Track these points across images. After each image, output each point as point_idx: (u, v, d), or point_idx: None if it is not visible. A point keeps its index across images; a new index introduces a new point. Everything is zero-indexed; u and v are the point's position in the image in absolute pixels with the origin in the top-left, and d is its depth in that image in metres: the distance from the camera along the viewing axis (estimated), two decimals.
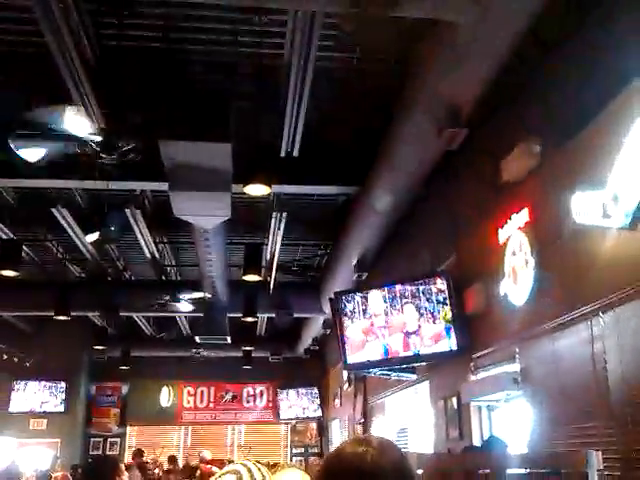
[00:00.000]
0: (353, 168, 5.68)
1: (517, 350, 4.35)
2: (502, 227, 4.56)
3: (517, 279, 4.34)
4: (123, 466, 4.75)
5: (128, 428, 13.74)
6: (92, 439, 13.34)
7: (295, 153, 5.34)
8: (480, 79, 3.68)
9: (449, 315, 5.30)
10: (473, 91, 3.79)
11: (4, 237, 7.09)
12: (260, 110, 5.02)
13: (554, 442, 3.77)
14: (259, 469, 2.06)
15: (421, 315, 5.55)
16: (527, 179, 4.23)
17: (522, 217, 4.28)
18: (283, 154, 5.36)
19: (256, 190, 4.86)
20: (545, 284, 3.99)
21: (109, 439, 13.47)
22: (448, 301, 5.29)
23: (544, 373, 4.00)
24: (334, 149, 5.59)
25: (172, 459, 10.75)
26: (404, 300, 5.71)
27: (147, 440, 13.59)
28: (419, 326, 5.59)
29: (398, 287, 5.76)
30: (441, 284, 5.36)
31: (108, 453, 13.08)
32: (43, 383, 12.53)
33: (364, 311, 6.17)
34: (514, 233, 4.39)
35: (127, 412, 13.68)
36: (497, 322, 4.72)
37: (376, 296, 6.03)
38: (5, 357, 11.53)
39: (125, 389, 13.79)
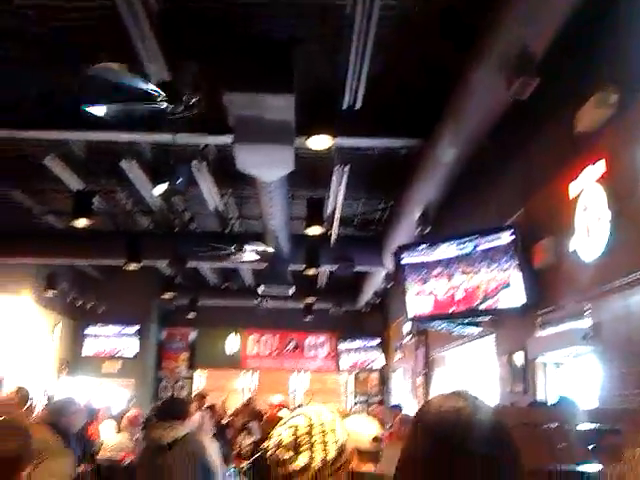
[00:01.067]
0: (417, 120, 5.50)
1: (587, 306, 4.20)
2: (575, 180, 4.35)
3: (589, 234, 4.15)
4: (193, 406, 4.91)
5: (196, 372, 14.26)
6: (162, 381, 13.91)
7: (358, 105, 5.21)
8: (554, 25, 3.44)
9: (516, 269, 5.14)
10: (546, 38, 3.57)
11: (76, 188, 7.27)
12: (323, 62, 4.90)
13: (623, 400, 3.65)
14: (330, 412, 2.06)
15: (487, 269, 5.41)
16: (603, 130, 4.00)
17: (598, 169, 4.06)
18: (345, 106, 5.24)
19: (318, 143, 4.78)
20: (620, 239, 3.80)
21: (179, 382, 14.00)
22: (515, 255, 5.13)
23: (616, 330, 3.85)
24: (398, 101, 5.42)
25: (237, 408, 11.08)
26: (469, 254, 5.58)
27: (214, 384, 14.07)
28: (485, 280, 5.47)
29: (463, 240, 5.63)
30: (508, 238, 5.19)
31: (177, 395, 13.62)
32: (115, 328, 13.07)
33: (427, 265, 6.08)
34: (588, 186, 4.17)
35: (195, 357, 14.18)
36: (566, 278, 4.56)
37: (440, 249, 5.92)
38: (79, 304, 12.04)
39: (193, 335, 14.25)
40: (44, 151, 6.57)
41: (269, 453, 2.04)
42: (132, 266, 8.80)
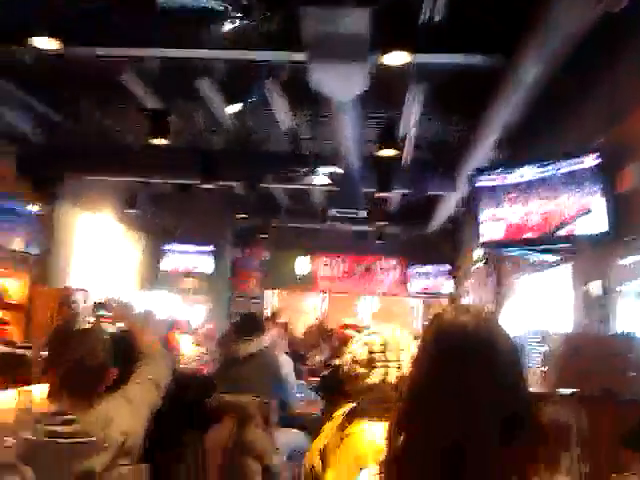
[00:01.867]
0: (499, 36, 5.19)
1: None
2: None
3: None
4: (268, 324, 5.07)
5: (268, 292, 14.65)
6: (237, 299, 14.38)
7: (437, 18, 4.95)
8: None
9: (599, 195, 4.90)
10: None
11: (152, 106, 7.36)
12: None
13: None
14: (403, 331, 2.06)
15: (567, 194, 5.19)
16: None
17: None
18: (423, 20, 4.99)
19: (395, 59, 4.61)
20: None
21: (251, 300, 14.45)
22: (599, 180, 4.88)
23: None
24: (479, 15, 5.11)
25: (308, 327, 11.37)
26: (548, 177, 5.35)
27: (285, 304, 14.47)
28: (563, 205, 5.25)
29: (543, 163, 5.39)
30: (592, 161, 4.93)
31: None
32: (192, 246, 13.49)
33: (503, 188, 5.88)
34: None
35: (268, 277, 14.53)
36: None
37: (517, 173, 5.70)
38: (157, 222, 12.44)
39: (266, 255, 14.56)
40: (122, 69, 6.64)
41: (344, 369, 2.06)
42: (206, 185, 8.95)
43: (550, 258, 6.20)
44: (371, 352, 2.02)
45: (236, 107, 6.37)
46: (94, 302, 9.14)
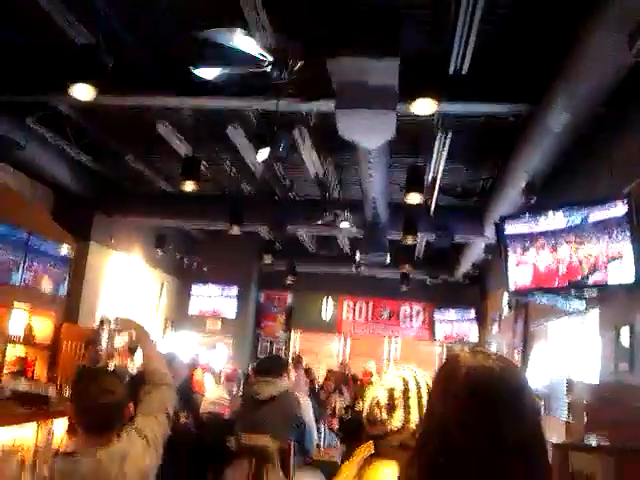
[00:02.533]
0: (527, 85, 5.24)
1: None
2: None
3: None
4: (290, 367, 5.05)
5: (292, 334, 14.59)
6: (260, 342, 14.35)
7: (464, 70, 5.02)
8: None
9: (629, 242, 4.84)
10: None
11: (185, 153, 7.51)
12: (429, 24, 4.75)
13: None
14: (424, 377, 2.03)
15: (597, 241, 5.13)
16: None
17: None
18: (451, 71, 5.06)
19: (422, 108, 4.66)
20: None
21: (275, 343, 14.38)
22: (628, 226, 4.83)
23: None
24: (507, 66, 5.18)
25: (330, 371, 11.26)
26: (577, 224, 5.31)
27: (308, 347, 14.38)
28: (593, 253, 5.19)
29: (572, 210, 5.36)
30: (622, 208, 4.89)
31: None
32: (218, 289, 13.54)
33: (531, 235, 5.85)
34: None
35: (291, 320, 14.50)
36: None
37: (546, 220, 5.66)
38: (185, 264, 12.55)
39: (290, 298, 14.56)
40: (156, 116, 6.82)
41: (365, 413, 2.05)
42: (235, 230, 9.04)
43: (578, 305, 6.10)
44: (392, 396, 1.99)
45: (265, 154, 6.46)
46: (100, 318, 9.21)
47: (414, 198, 7.17)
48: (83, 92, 4.81)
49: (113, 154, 8.30)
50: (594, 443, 3.51)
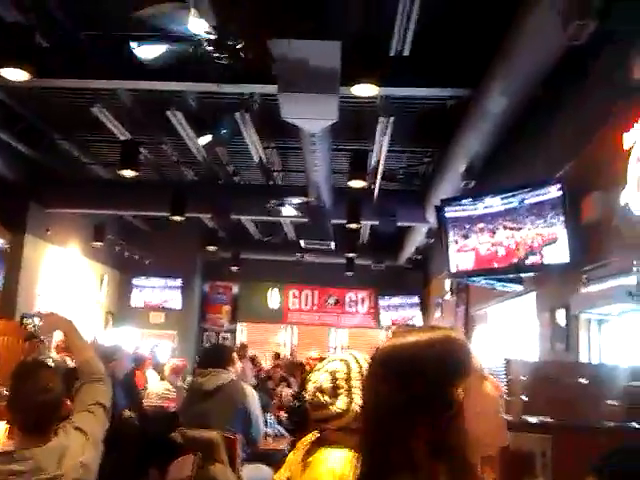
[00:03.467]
0: (466, 69, 5.35)
1: (635, 262, 4.09)
2: (628, 131, 4.18)
3: None
4: (236, 356, 5.00)
5: (238, 325, 14.54)
6: (205, 333, 14.23)
7: (406, 52, 5.10)
8: None
9: (563, 225, 5.03)
10: None
11: (123, 138, 7.36)
12: (370, 7, 4.79)
13: None
14: (365, 359, 2.06)
15: (532, 224, 5.31)
16: None
17: None
18: (393, 53, 5.13)
19: (364, 91, 4.71)
20: None
21: (221, 334, 14.31)
22: (562, 210, 5.01)
23: None
24: (447, 49, 5.28)
25: (277, 355, 11.29)
26: (514, 208, 5.48)
27: (255, 337, 14.37)
28: (529, 236, 5.37)
29: (509, 194, 5.51)
30: (556, 191, 5.06)
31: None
32: (161, 280, 13.34)
33: (471, 219, 5.99)
34: None
35: (237, 310, 14.43)
36: (615, 233, 4.43)
37: (484, 204, 5.81)
38: (126, 256, 12.30)
39: (236, 289, 14.49)
40: (93, 100, 6.65)
41: (308, 397, 2.06)
42: (176, 218, 8.92)
43: (517, 287, 6.29)
44: (335, 380, 2.01)
45: (207, 139, 6.40)
46: (21, 315, 8.93)
47: (358, 183, 7.24)
48: (16, 75, 4.64)
49: (49, 141, 8.05)
50: (533, 421, 3.64)
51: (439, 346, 1.14)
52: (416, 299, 13.15)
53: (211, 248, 11.66)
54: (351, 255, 11.82)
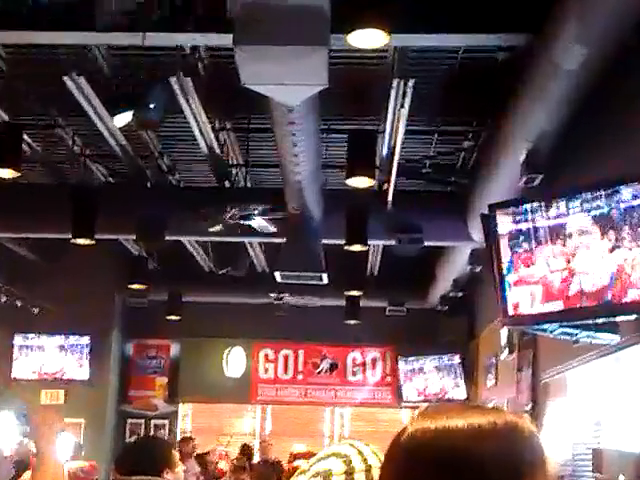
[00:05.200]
0: (525, 5, 5.43)
1: None
2: None
3: None
4: (177, 455, 4.99)
5: (180, 407, 14.44)
6: (129, 420, 14.16)
7: None
8: None
9: None
10: None
11: None
12: None
13: None
14: (374, 453, 2.08)
15: (633, 239, 5.34)
16: None
17: None
18: None
19: (367, 40, 4.77)
20: None
21: (153, 421, 14.23)
22: None
23: None
24: None
25: (245, 450, 11.23)
26: (604, 215, 5.51)
27: (206, 424, 14.31)
28: (629, 258, 5.40)
29: (594, 195, 5.56)
30: None
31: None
32: (59, 338, 13.26)
33: (537, 234, 6.02)
34: None
35: (178, 383, 14.36)
36: None
37: (558, 209, 5.85)
38: (5, 300, 12.22)
39: (175, 350, 14.43)
40: None
41: None
42: (82, 241, 8.90)
43: (611, 338, 6.33)
44: None
45: (126, 117, 6.42)
46: None
47: (362, 182, 7.26)
48: None
49: None
50: None
51: (503, 436, 1.20)
52: (456, 360, 13.15)
53: (136, 287, 11.61)
54: (354, 293, 11.81)
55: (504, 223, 6.38)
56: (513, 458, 1.18)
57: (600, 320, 6.04)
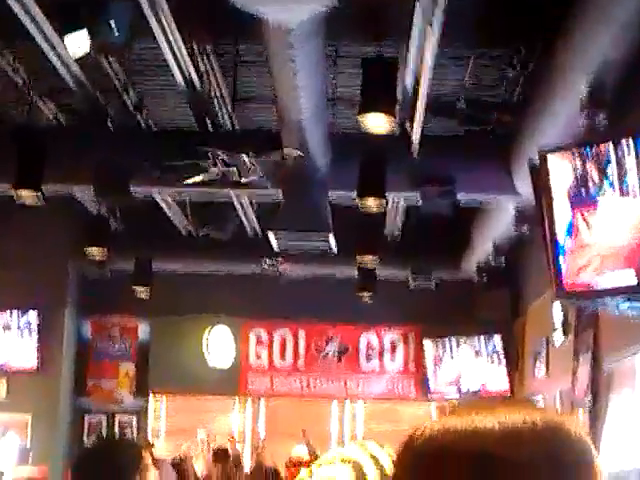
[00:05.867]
0: None
1: None
2: None
3: None
4: (149, 458, 5.04)
5: (151, 401, 14.57)
6: (87, 417, 14.29)
7: None
8: None
9: None
10: None
11: None
12: None
13: None
14: (389, 455, 2.11)
15: None
16: None
17: None
18: None
19: None
20: None
21: (118, 417, 14.36)
22: None
23: None
24: None
25: (223, 454, 11.33)
26: None
27: (184, 422, 14.41)
28: None
29: None
30: None
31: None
32: None
33: (604, 185, 6.02)
34: None
35: (149, 372, 14.48)
36: None
37: (631, 154, 5.85)
38: None
39: (144, 330, 14.52)
40: None
41: None
42: (27, 195, 8.91)
43: None
44: None
45: (81, 40, 6.41)
46: None
47: (378, 121, 7.26)
48: None
49: None
50: None
51: (544, 440, 1.19)
52: (497, 343, 13.19)
53: (95, 252, 11.64)
54: (369, 261, 11.84)
55: (559, 172, 6.38)
56: (556, 466, 1.17)
57: None
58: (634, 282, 5.95)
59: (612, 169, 6.01)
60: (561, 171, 6.34)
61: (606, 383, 8.89)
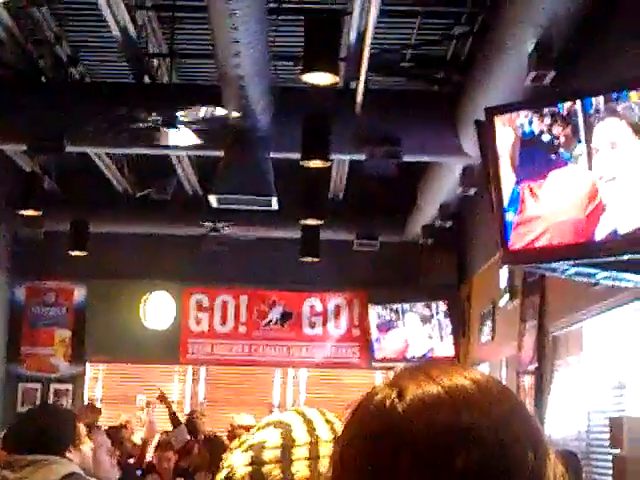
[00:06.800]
0: None
1: None
2: None
3: None
4: (83, 427, 5.02)
5: (88, 368, 14.51)
6: (21, 385, 14.20)
7: None
8: None
9: None
10: None
11: None
12: None
13: None
14: (329, 422, 2.10)
15: None
16: None
17: None
18: None
19: None
20: None
21: (53, 386, 14.29)
22: None
23: None
24: None
25: (174, 419, 11.33)
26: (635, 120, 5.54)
27: (121, 390, 14.45)
28: None
29: (620, 94, 5.58)
30: None
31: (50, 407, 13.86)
32: None
33: (553, 147, 6.04)
34: None
35: (85, 338, 14.42)
36: None
37: (576, 115, 5.87)
38: None
39: (81, 295, 14.45)
40: None
41: None
42: None
43: (636, 279, 6.39)
44: (256, 464, 2.04)
45: None
46: None
47: (322, 77, 7.22)
48: None
49: None
50: None
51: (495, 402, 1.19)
52: (442, 308, 13.26)
53: (28, 213, 11.54)
54: (313, 223, 11.83)
55: (506, 133, 6.39)
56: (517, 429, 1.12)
57: (627, 257, 6.10)
58: (579, 243, 6.00)
59: (560, 130, 6.03)
60: (507, 131, 6.35)
61: (552, 349, 8.97)
